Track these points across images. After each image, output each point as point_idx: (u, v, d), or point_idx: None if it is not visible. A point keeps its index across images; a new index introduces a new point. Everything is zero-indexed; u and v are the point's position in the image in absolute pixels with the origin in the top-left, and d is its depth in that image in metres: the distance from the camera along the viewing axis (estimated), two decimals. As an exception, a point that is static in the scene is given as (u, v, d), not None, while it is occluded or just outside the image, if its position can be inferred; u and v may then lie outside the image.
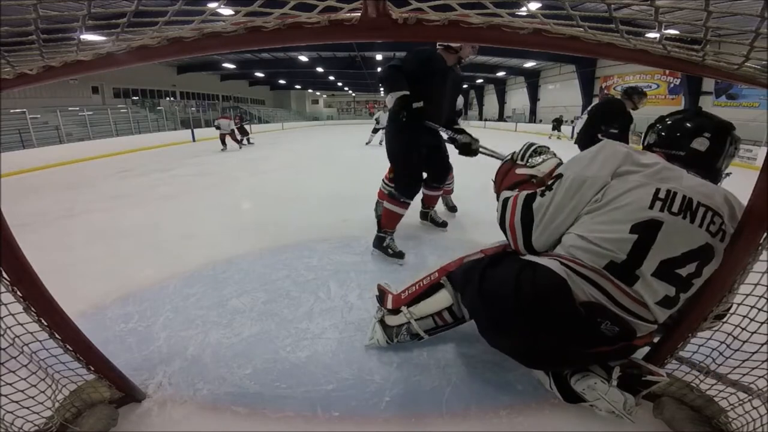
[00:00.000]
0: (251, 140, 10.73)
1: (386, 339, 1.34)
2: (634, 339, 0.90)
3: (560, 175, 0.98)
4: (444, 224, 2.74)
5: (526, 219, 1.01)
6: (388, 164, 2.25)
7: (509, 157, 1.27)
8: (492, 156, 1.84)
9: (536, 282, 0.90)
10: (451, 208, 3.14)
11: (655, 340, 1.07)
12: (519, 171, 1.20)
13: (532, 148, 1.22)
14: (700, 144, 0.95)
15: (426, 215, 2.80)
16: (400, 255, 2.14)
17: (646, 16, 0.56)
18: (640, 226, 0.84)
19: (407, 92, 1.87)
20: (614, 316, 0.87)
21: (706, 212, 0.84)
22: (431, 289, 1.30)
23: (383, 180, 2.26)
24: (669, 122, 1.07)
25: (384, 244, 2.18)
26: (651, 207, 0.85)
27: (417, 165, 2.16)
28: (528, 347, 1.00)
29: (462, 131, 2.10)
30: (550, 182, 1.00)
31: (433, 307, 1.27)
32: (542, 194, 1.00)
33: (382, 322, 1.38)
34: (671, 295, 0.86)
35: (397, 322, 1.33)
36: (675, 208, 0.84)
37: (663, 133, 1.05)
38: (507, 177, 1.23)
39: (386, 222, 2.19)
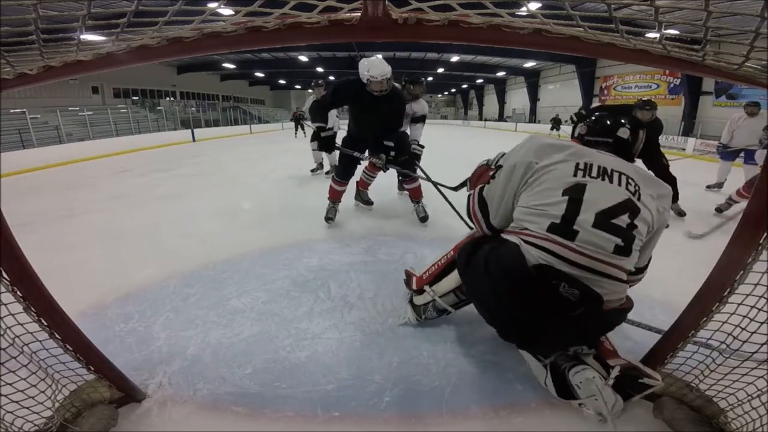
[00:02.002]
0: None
1: (416, 317, 1.49)
2: (602, 303, 0.96)
3: (500, 166, 1.19)
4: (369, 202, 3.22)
5: (482, 205, 1.21)
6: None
7: (485, 162, 1.46)
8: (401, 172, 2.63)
9: (498, 253, 1.05)
10: (422, 219, 2.95)
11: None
12: (490, 173, 1.33)
13: (504, 154, 1.34)
14: (623, 133, 1.16)
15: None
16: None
17: (646, 16, 0.56)
18: (568, 189, 1.01)
19: (321, 124, 2.54)
20: (567, 277, 0.95)
21: (621, 176, 1.03)
22: (449, 267, 1.43)
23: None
24: (596, 118, 1.26)
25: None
26: (575, 175, 1.03)
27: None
28: (508, 318, 1.08)
29: (390, 149, 2.61)
30: (492, 173, 1.23)
31: (453, 283, 1.37)
32: (489, 183, 1.21)
33: (411, 302, 1.52)
34: (621, 245, 0.97)
35: (423, 301, 1.46)
36: (593, 174, 1.03)
37: (594, 126, 1.23)
38: (480, 178, 1.41)
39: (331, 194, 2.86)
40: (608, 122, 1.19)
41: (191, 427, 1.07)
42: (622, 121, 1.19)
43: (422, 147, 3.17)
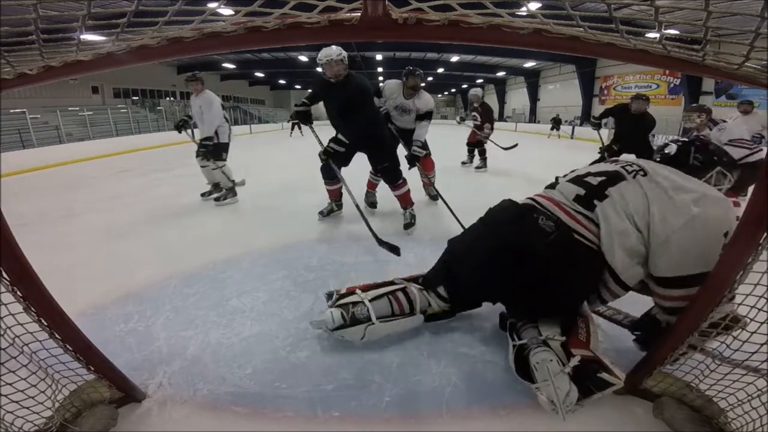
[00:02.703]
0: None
1: (341, 312, 1.33)
2: (571, 234, 1.13)
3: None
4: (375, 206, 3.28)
5: None
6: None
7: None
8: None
9: (493, 208, 1.38)
10: (433, 197, 3.45)
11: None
12: None
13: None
14: (670, 149, 1.27)
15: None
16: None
17: (646, 16, 0.56)
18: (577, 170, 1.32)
19: (294, 120, 2.71)
20: (545, 212, 1.20)
21: (628, 164, 1.19)
22: (383, 284, 1.50)
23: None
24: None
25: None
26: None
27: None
28: (506, 269, 1.21)
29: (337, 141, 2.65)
30: None
31: (388, 289, 1.42)
32: None
33: (336, 304, 1.39)
34: (581, 195, 1.18)
35: (350, 300, 1.39)
36: (619, 164, 1.22)
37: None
38: None
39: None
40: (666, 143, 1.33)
41: (191, 427, 1.07)
42: (672, 141, 1.31)
43: (424, 149, 3.05)
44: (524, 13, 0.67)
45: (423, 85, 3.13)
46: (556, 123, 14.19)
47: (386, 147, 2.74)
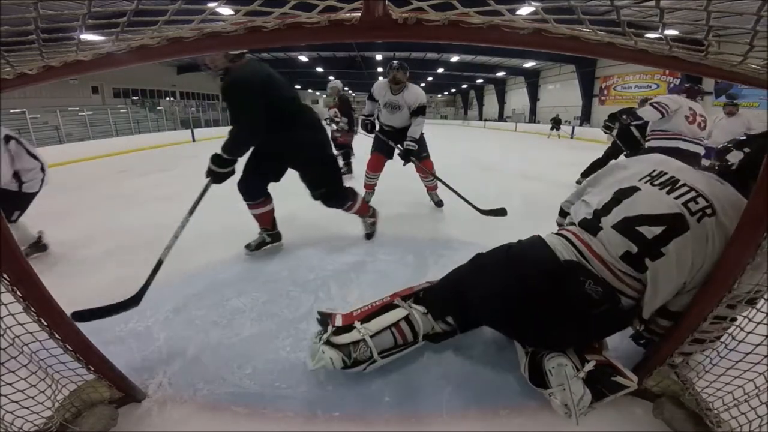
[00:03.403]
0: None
1: (342, 357, 1.13)
2: (619, 303, 0.94)
3: None
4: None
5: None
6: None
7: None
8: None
9: (522, 245, 1.10)
10: (437, 203, 3.31)
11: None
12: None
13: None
14: (733, 157, 1.02)
15: None
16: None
17: (647, 15, 0.56)
18: (621, 190, 1.00)
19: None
20: (593, 275, 0.95)
21: (689, 191, 0.91)
22: (384, 308, 1.25)
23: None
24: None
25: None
26: (639, 180, 0.99)
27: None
28: (524, 311, 1.05)
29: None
30: None
31: (390, 319, 1.20)
32: None
33: (329, 344, 1.16)
34: (633, 252, 0.92)
35: (351, 339, 1.16)
36: (657, 182, 0.96)
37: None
38: None
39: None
40: (729, 144, 1.13)
41: (191, 427, 1.07)
42: (734, 143, 1.10)
43: (422, 151, 2.97)
44: (524, 13, 0.67)
45: (419, 81, 3.06)
46: (556, 123, 14.18)
47: (316, 162, 2.10)
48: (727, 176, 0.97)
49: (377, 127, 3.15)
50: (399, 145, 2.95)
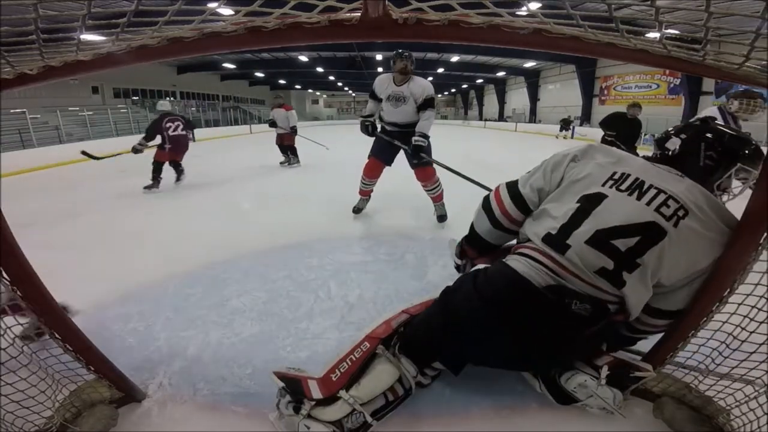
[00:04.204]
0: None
1: (333, 430, 0.95)
2: (610, 314, 0.90)
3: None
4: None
5: (510, 183, 1.11)
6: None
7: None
8: None
9: (491, 281, 0.96)
10: (440, 218, 2.89)
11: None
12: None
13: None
14: (672, 144, 1.00)
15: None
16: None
17: (646, 16, 0.56)
18: (585, 197, 0.90)
19: None
20: (576, 293, 0.88)
21: (658, 194, 0.86)
22: (365, 363, 1.06)
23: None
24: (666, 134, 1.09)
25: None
26: (603, 185, 0.91)
27: None
28: (519, 349, 0.97)
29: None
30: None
31: (383, 383, 1.02)
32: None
33: (314, 419, 0.96)
34: (609, 269, 0.86)
35: (341, 414, 0.96)
36: (623, 187, 0.89)
37: (656, 143, 1.10)
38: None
39: None
40: (672, 130, 1.04)
41: (191, 427, 1.07)
42: (674, 130, 1.04)
43: (426, 142, 2.64)
44: (524, 13, 0.67)
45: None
46: (566, 124, 13.96)
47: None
48: (669, 163, 0.97)
49: (378, 129, 2.86)
50: (405, 146, 2.67)
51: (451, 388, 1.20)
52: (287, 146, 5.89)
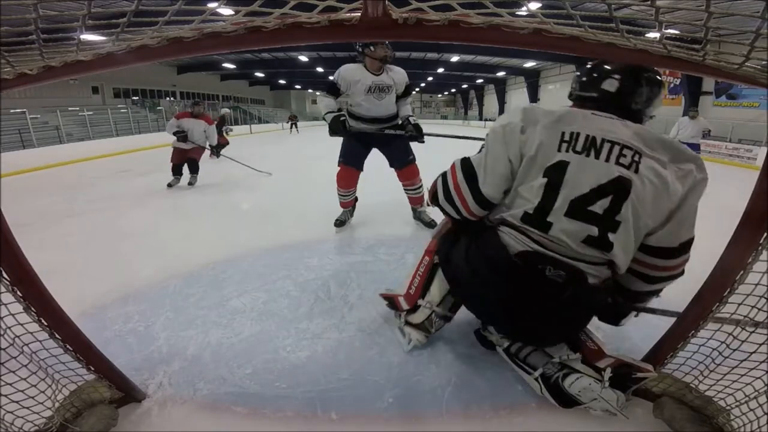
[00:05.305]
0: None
1: (423, 335, 1.33)
2: (586, 282, 0.91)
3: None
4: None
5: (468, 174, 1.05)
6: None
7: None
8: None
9: (478, 245, 1.02)
10: (427, 224, 2.72)
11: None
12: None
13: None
14: (610, 85, 0.98)
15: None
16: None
17: (646, 16, 0.56)
18: (549, 169, 0.90)
19: None
20: (553, 260, 0.90)
21: (613, 147, 0.87)
22: (431, 273, 1.31)
23: None
24: (586, 68, 1.09)
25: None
26: (559, 150, 0.90)
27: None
28: (505, 315, 1.05)
29: None
30: (480, 146, 1.08)
31: (446, 285, 1.26)
32: (477, 154, 1.07)
33: (409, 324, 1.35)
34: (594, 235, 0.88)
35: (424, 317, 1.31)
36: (578, 147, 0.89)
37: (581, 79, 1.09)
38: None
39: None
40: (595, 73, 1.03)
41: (191, 427, 1.07)
42: (610, 68, 1.00)
43: (409, 155, 2.54)
44: (524, 13, 0.67)
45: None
46: None
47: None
48: (604, 107, 0.97)
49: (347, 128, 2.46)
50: (397, 131, 2.47)
51: (451, 388, 1.20)
52: (192, 160, 4.65)
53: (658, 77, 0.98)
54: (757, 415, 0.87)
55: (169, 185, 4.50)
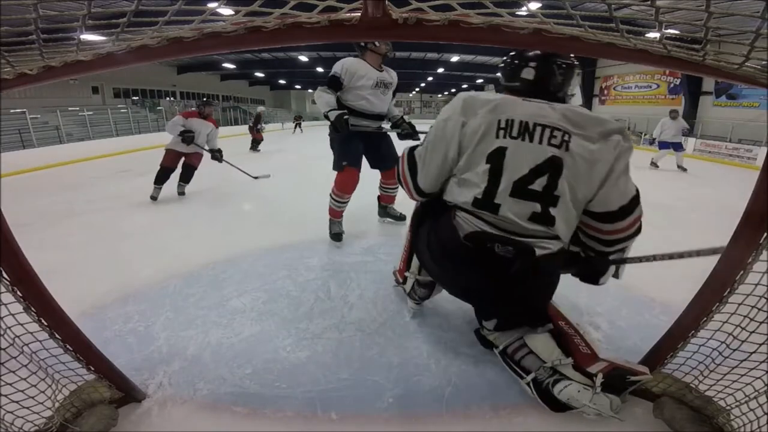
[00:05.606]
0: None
1: (413, 303, 1.56)
2: (534, 255, 0.97)
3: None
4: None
5: (411, 165, 1.16)
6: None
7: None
8: None
9: (436, 229, 1.10)
10: (398, 218, 2.82)
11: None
12: None
13: None
14: (527, 74, 1.06)
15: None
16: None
17: (646, 16, 0.56)
18: (490, 155, 0.98)
19: None
20: (501, 238, 0.97)
21: (544, 130, 0.95)
22: (413, 248, 1.43)
23: None
24: (506, 59, 1.15)
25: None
26: (497, 137, 0.98)
27: None
28: (470, 294, 1.16)
29: None
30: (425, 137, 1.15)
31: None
32: (421, 146, 1.15)
33: (406, 293, 1.56)
34: (538, 211, 0.96)
35: (410, 285, 1.49)
36: (514, 133, 0.97)
37: (503, 70, 1.15)
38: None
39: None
40: (513, 64, 1.09)
41: (191, 427, 1.07)
42: (526, 57, 1.06)
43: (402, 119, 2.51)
44: (524, 13, 0.67)
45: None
46: None
47: None
48: (530, 93, 1.03)
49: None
50: (391, 127, 2.50)
51: (451, 388, 1.20)
52: (189, 167, 4.12)
53: (570, 61, 1.06)
54: (757, 415, 0.87)
55: (153, 198, 3.85)
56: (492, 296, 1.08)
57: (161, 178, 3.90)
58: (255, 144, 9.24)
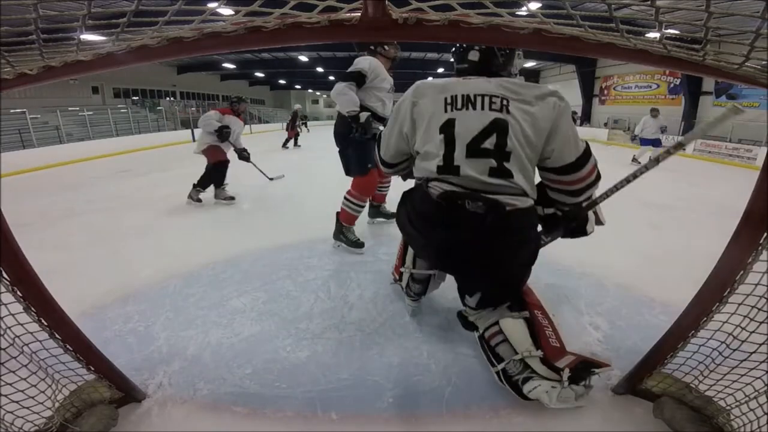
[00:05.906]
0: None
1: (410, 300, 1.61)
2: (503, 209, 1.05)
3: None
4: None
5: (378, 142, 1.35)
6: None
7: None
8: None
9: (413, 201, 1.21)
10: (389, 216, 2.86)
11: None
12: None
13: None
14: (473, 56, 1.19)
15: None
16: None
17: (646, 16, 0.56)
18: (442, 126, 1.10)
19: None
20: (470, 194, 1.06)
21: (483, 98, 1.08)
22: (405, 246, 1.52)
23: None
24: (456, 45, 1.27)
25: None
26: (446, 111, 1.10)
27: None
28: (452, 259, 1.18)
29: None
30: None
31: (412, 251, 1.47)
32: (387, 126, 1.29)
33: (403, 289, 1.60)
34: (494, 166, 1.06)
35: (405, 282, 1.53)
36: (459, 105, 1.09)
37: (454, 54, 1.27)
38: None
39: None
40: (462, 48, 1.23)
41: (191, 427, 1.07)
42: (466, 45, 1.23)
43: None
44: (524, 13, 0.67)
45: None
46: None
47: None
48: (476, 72, 1.17)
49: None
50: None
51: (451, 388, 1.20)
52: (224, 165, 3.81)
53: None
54: (757, 415, 0.87)
55: (198, 200, 3.54)
56: (468, 257, 1.13)
57: (219, 178, 3.64)
58: (294, 140, 9.81)
